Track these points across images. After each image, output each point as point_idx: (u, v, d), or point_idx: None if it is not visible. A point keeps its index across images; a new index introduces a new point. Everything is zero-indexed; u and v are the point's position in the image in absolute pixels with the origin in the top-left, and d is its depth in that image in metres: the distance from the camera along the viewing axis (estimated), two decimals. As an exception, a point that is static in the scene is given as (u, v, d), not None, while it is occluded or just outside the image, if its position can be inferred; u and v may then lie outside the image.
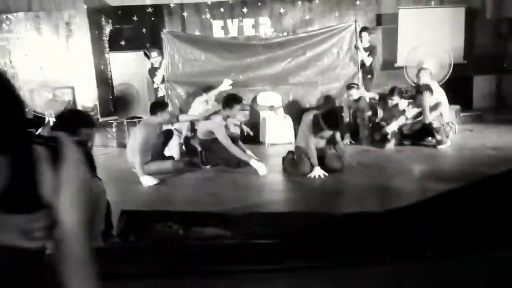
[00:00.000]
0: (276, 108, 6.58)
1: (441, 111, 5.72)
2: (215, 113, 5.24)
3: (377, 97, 6.66)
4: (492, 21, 8.97)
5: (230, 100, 5.17)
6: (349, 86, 6.47)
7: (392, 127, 5.80)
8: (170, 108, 5.48)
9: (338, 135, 4.84)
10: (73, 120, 2.66)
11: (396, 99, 5.94)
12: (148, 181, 4.60)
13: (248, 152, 5.17)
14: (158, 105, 5.14)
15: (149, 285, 2.29)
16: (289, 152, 5.01)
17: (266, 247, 2.64)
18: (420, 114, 5.76)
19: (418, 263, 2.34)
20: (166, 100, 6.34)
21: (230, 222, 3.02)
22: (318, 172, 4.51)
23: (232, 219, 3.10)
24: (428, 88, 5.72)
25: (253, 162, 4.80)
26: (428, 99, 5.63)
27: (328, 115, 4.56)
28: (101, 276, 1.09)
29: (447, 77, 7.07)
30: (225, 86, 6.40)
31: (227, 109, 5.11)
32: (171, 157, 5.35)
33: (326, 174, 4.50)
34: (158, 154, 5.09)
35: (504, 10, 9.02)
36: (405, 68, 7.29)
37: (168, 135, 5.34)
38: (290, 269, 2.34)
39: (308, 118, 4.69)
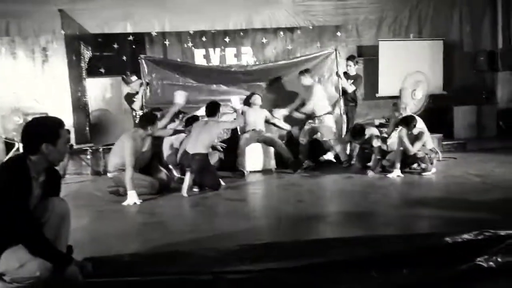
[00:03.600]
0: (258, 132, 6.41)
1: (424, 141, 5.61)
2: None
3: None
4: (470, 54, 9.18)
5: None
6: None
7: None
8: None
9: None
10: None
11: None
12: (133, 199, 4.48)
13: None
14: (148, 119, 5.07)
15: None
16: None
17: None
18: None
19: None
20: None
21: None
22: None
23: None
24: (404, 121, 5.60)
25: None
26: (404, 132, 5.51)
27: None
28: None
29: (423, 107, 7.03)
30: (202, 111, 6.27)
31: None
32: None
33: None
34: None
35: (481, 43, 9.27)
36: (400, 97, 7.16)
37: None
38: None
39: None
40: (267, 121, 6.54)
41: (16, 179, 2.18)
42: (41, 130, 2.31)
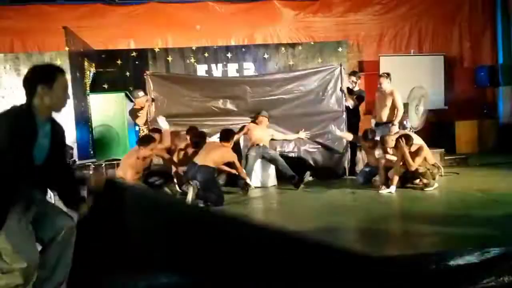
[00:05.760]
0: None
1: (424, 156, 5.61)
2: None
3: None
4: (471, 69, 9.24)
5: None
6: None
7: None
8: None
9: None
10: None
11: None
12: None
13: None
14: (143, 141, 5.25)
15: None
16: None
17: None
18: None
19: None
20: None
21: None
22: None
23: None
24: (403, 136, 5.60)
25: None
26: (405, 147, 5.51)
27: None
28: None
29: (423, 122, 7.01)
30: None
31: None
32: None
33: None
34: None
35: (481, 59, 9.34)
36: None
37: None
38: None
39: None
40: (272, 139, 6.59)
41: (21, 123, 2.20)
42: (37, 72, 2.35)
